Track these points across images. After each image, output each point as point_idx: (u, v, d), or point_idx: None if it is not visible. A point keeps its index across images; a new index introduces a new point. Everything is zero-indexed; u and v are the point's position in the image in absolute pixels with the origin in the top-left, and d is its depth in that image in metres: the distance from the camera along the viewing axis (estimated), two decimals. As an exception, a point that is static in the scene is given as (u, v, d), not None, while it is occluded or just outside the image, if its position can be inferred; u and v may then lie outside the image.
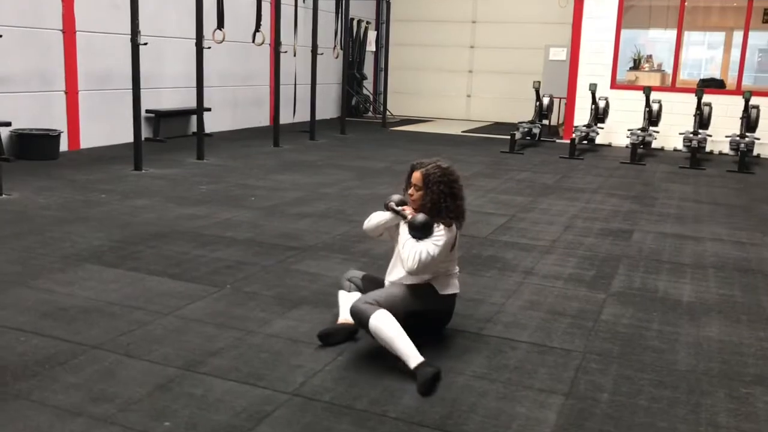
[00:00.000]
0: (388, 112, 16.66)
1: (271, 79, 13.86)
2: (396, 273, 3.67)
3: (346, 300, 3.78)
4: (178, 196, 6.96)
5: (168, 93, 11.24)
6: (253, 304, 4.07)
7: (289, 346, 3.52)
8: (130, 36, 7.94)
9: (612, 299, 4.41)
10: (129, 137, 8.38)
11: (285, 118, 13.82)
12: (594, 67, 13.06)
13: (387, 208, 3.70)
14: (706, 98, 11.61)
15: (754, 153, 11.29)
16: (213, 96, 12.36)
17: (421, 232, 3.49)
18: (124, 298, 4.08)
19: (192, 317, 3.84)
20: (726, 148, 11.73)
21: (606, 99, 12.45)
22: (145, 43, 7.98)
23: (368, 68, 17.18)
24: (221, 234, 5.59)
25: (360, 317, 3.34)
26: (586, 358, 3.50)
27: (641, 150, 11.50)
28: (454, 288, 3.70)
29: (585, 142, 11.99)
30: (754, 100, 11.32)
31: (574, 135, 11.56)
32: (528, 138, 12.38)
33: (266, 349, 3.47)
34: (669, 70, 13.52)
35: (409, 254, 3.46)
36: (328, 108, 15.73)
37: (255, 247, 5.24)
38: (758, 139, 11.22)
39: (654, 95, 12.06)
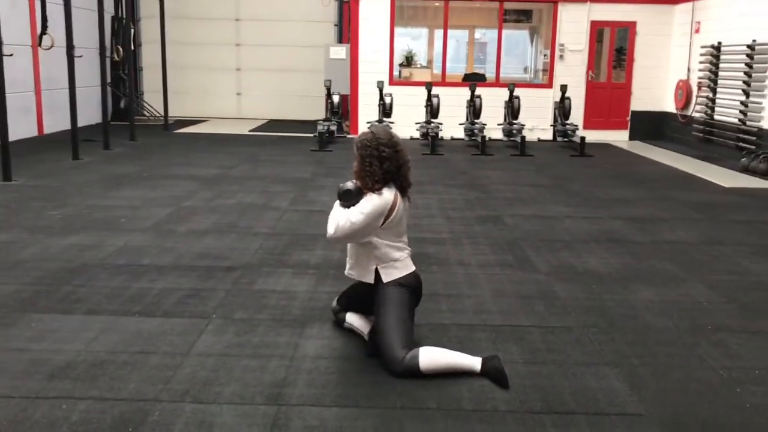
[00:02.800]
0: (156, 113, 15.91)
1: (36, 86, 12.50)
2: (351, 262, 3.77)
3: (356, 325, 3.89)
4: (36, 225, 6.18)
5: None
6: (261, 330, 3.97)
7: (344, 363, 3.57)
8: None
9: (551, 279, 5.05)
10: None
11: (51, 126, 12.65)
12: (373, 65, 13.85)
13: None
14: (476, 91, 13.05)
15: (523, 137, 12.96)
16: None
17: (344, 199, 3.51)
18: (122, 345, 3.72)
19: (217, 353, 3.66)
20: (497, 135, 13.30)
21: (390, 95, 13.31)
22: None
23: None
24: (138, 262, 5.18)
25: (410, 374, 3.33)
26: (588, 331, 4.07)
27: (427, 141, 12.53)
28: (410, 264, 3.70)
29: (378, 135, 12.72)
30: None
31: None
32: (327, 135, 12.78)
33: (327, 371, 3.48)
34: (432, 66, 14.85)
35: (331, 221, 3.50)
36: (92, 113, 14.45)
37: (191, 272, 4.97)
38: (524, 125, 12.90)
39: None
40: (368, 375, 3.43)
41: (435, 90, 13.31)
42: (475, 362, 3.44)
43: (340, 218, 3.44)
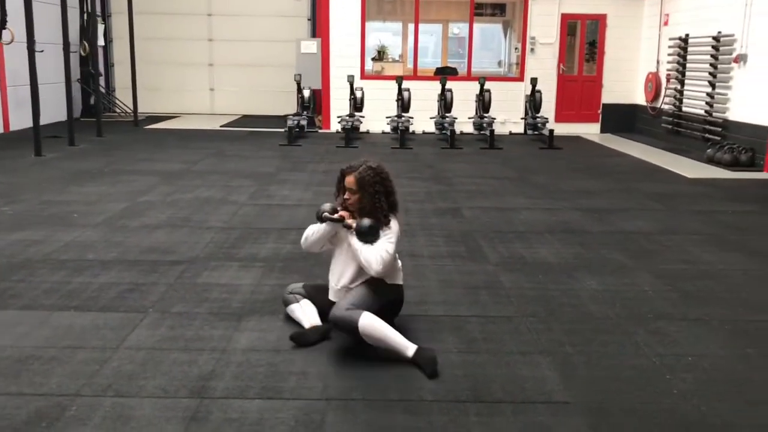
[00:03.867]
0: (127, 110, 15.76)
1: (1, 81, 12.34)
2: (348, 276, 3.81)
3: (303, 310, 3.88)
4: (-16, 221, 6.10)
5: None
6: (197, 324, 3.93)
7: (274, 356, 3.53)
8: None
9: (499, 269, 5.03)
10: None
11: (17, 123, 12.51)
12: (344, 59, 13.79)
13: (323, 219, 3.77)
14: (447, 85, 13.02)
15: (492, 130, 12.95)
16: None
17: (371, 236, 3.66)
18: (51, 340, 3.66)
19: (147, 346, 3.61)
20: (467, 128, 13.30)
21: (362, 89, 13.26)
22: None
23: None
24: (83, 257, 5.11)
25: (346, 324, 3.47)
26: (527, 321, 4.06)
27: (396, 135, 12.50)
28: (401, 277, 3.97)
29: (350, 130, 12.69)
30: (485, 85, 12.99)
31: (339, 125, 12.16)
32: (297, 130, 12.71)
33: (257, 363, 3.44)
34: (406, 61, 14.80)
35: (372, 259, 3.62)
36: (57, 110, 14.26)
37: (134, 267, 4.91)
38: (494, 119, 12.88)
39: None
40: (297, 367, 3.40)
41: (406, 84, 13.27)
42: (409, 347, 3.43)
43: (379, 254, 3.61)
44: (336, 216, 3.75)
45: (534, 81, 13.18)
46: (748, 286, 4.72)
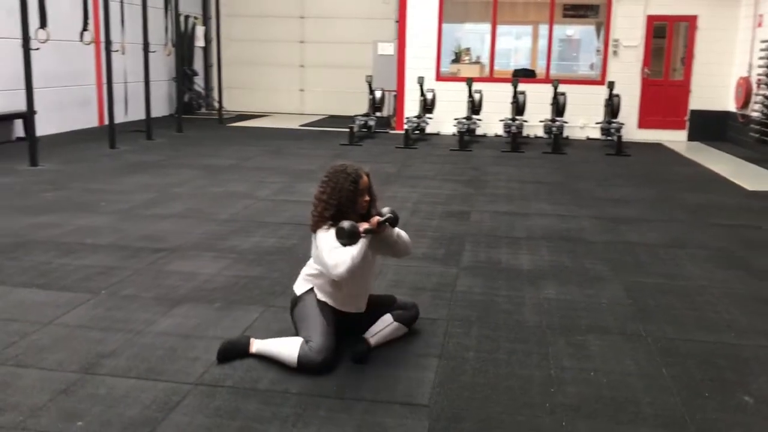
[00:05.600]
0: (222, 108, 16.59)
1: (98, 78, 13.39)
2: (371, 284, 3.79)
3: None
4: (23, 204, 6.71)
5: (-14, 97, 10.54)
6: (134, 307, 4.17)
7: (181, 341, 3.70)
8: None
9: (463, 272, 4.97)
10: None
11: (116, 117, 13.43)
12: (420, 61, 13.87)
13: (361, 234, 3.41)
14: (521, 87, 12.79)
15: (564, 135, 12.60)
16: (37, 98, 11.73)
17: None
18: (-3, 312, 4.03)
19: (75, 324, 3.89)
20: (540, 132, 13.00)
21: (433, 91, 13.27)
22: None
23: (199, 64, 16.97)
24: (81, 241, 5.53)
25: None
26: (451, 324, 4.00)
27: (467, 137, 12.44)
28: None
29: (417, 132, 12.77)
30: (561, 88, 12.63)
31: (406, 126, 12.26)
32: (364, 130, 12.93)
33: (159, 346, 3.62)
34: (485, 62, 14.66)
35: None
36: (160, 106, 15.36)
37: (120, 252, 5.26)
38: (567, 122, 12.52)
39: (475, 86, 13.07)
40: (194, 353, 3.55)
41: (479, 86, 13.17)
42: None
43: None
44: (368, 226, 3.48)
45: (611, 85, 12.68)
46: (717, 305, 4.40)
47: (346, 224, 3.39)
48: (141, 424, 2.88)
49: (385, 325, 3.73)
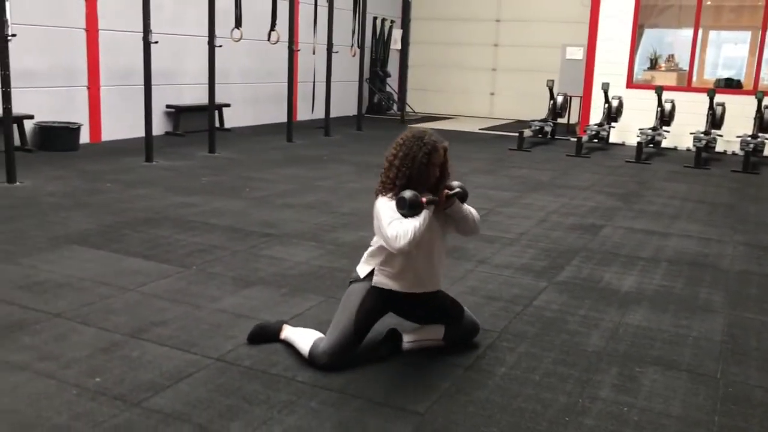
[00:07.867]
0: (409, 109, 16.97)
1: (294, 77, 14.32)
2: (443, 260, 3.58)
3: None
4: (179, 186, 7.40)
5: (189, 89, 11.76)
6: (211, 284, 4.44)
7: (230, 319, 3.88)
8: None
9: (552, 287, 4.65)
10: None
11: (304, 114, 14.30)
12: (610, 66, 13.13)
13: (424, 205, 3.19)
14: (721, 98, 11.62)
15: (765, 153, 11.24)
16: (234, 92, 12.89)
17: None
18: (96, 275, 4.49)
19: (151, 293, 4.23)
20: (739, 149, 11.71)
21: (619, 98, 12.51)
22: (156, 42, 8.46)
23: (393, 66, 17.49)
24: (205, 221, 5.99)
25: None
26: (501, 338, 3.78)
27: (651, 149, 11.56)
28: None
29: (596, 140, 12.11)
30: (766, 101, 11.28)
31: (584, 133, 11.69)
32: (540, 136, 12.52)
33: (208, 322, 3.83)
34: (700, 70, 13.51)
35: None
36: (349, 105, 16.09)
37: (232, 233, 5.62)
38: (769, 139, 11.16)
39: (669, 95, 12.11)
40: (234, 332, 3.69)
41: (675, 95, 12.19)
42: None
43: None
44: (431, 197, 3.27)
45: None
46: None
47: (407, 194, 3.15)
48: (147, 388, 3.06)
49: (429, 337, 3.61)
